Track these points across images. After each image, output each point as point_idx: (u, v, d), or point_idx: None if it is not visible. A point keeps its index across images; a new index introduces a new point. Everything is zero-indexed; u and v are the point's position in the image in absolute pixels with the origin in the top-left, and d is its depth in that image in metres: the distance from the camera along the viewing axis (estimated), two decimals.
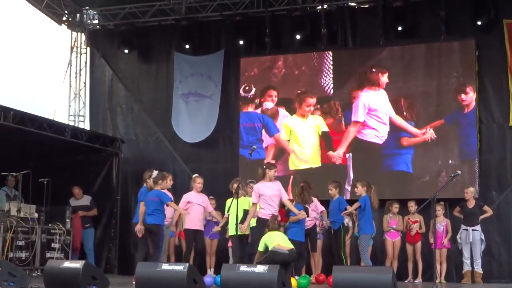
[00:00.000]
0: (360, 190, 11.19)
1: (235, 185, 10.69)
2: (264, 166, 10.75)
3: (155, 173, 10.85)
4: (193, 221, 11.00)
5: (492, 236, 12.82)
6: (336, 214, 11.22)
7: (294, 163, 14.08)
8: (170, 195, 10.77)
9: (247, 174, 12.55)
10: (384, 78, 13.70)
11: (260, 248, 9.82)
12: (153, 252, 10.30)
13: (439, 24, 13.41)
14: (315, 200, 11.69)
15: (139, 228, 10.49)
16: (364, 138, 13.73)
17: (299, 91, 14.21)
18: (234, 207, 10.17)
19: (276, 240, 9.70)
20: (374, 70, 13.77)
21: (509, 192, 13.00)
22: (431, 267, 12.14)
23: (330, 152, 13.84)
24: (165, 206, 10.46)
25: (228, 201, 10.91)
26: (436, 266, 11.72)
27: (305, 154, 14.02)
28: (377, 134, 13.67)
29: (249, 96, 14.48)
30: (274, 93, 14.42)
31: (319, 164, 13.92)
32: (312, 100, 14.11)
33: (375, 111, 13.71)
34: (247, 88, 14.47)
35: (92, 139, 14.19)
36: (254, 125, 14.37)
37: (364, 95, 13.78)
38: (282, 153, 14.23)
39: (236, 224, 10.19)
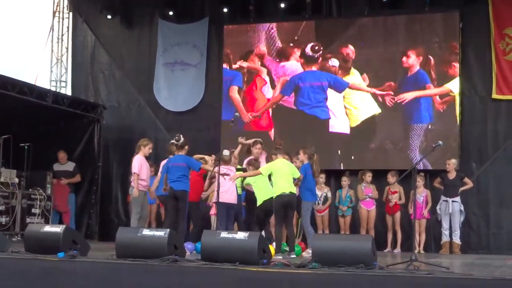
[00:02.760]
0: (302, 157, 10.86)
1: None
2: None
3: (182, 137, 10.20)
4: None
5: (471, 208, 12.93)
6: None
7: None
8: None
9: (228, 143, 12.57)
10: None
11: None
12: (179, 220, 9.88)
13: None
14: None
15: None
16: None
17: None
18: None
19: (281, 174, 9.73)
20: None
21: (489, 165, 13.09)
22: (410, 237, 12.23)
23: None
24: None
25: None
26: (415, 236, 11.83)
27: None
28: None
29: (316, 56, 13.99)
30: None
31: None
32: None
33: None
34: (316, 48, 14.00)
35: (73, 105, 14.07)
36: (321, 83, 13.95)
37: None
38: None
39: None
